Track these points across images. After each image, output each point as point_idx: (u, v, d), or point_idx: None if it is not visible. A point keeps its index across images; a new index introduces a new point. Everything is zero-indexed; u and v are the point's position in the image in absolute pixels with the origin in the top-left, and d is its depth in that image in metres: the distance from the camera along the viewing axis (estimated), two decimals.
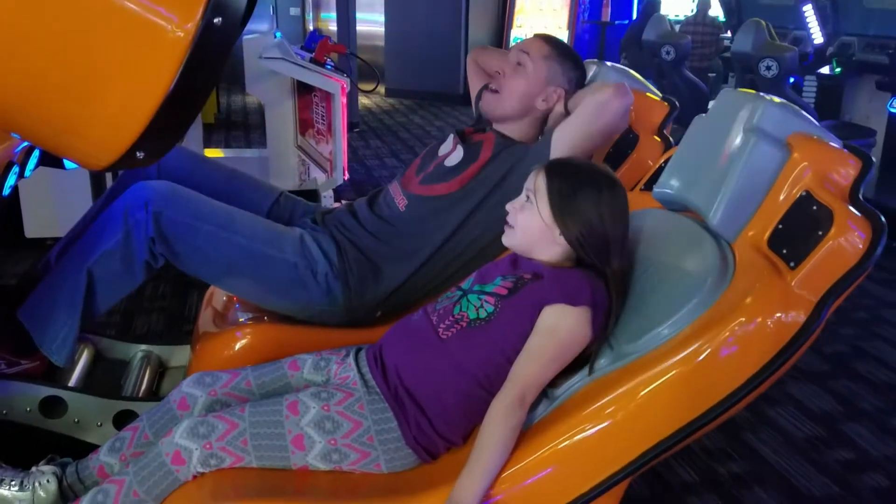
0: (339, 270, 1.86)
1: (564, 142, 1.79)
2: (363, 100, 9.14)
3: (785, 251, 1.30)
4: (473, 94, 2.27)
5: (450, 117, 8.38)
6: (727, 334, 1.28)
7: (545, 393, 1.40)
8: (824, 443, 2.44)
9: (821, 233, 1.25)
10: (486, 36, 9.66)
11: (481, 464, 1.28)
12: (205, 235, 1.76)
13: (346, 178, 4.81)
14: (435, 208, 1.90)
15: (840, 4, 5.70)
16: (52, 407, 1.86)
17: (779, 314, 1.27)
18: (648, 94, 2.06)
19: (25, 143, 1.83)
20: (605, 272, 1.40)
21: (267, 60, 4.51)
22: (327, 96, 4.70)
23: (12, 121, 1.11)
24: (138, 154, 1.04)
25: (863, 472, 2.29)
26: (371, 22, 9.65)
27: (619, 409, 1.32)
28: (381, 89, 9.53)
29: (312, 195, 4.85)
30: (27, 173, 1.91)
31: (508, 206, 1.48)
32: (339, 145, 4.76)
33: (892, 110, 4.59)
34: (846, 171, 1.34)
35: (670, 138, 1.97)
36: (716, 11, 7.60)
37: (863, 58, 5.34)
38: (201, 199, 1.81)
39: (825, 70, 5.82)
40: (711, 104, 1.54)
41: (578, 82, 1.99)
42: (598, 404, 1.33)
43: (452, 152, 1.97)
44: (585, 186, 1.41)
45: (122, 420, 1.88)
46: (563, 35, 9.59)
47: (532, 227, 1.43)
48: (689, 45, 6.20)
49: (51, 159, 2.05)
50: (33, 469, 1.47)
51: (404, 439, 1.38)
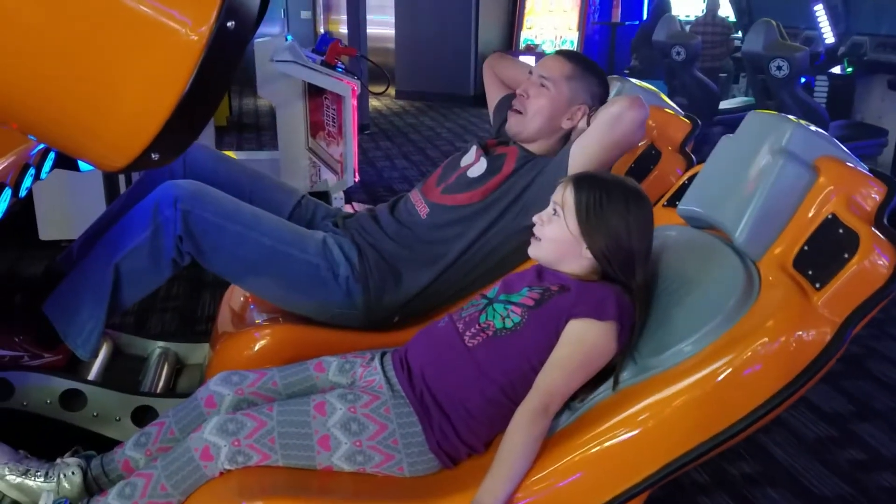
0: (359, 274, 1.88)
1: (581, 154, 1.81)
2: (373, 102, 9.16)
3: (810, 272, 1.32)
4: (491, 104, 2.29)
5: (460, 119, 8.40)
6: (750, 353, 1.30)
7: (568, 404, 1.42)
8: (836, 443, 2.45)
9: (846, 255, 1.27)
10: (496, 38, 9.69)
11: (504, 471, 1.30)
12: (231, 234, 1.78)
13: (356, 180, 4.83)
14: (456, 217, 1.93)
15: (851, 3, 5.72)
16: (72, 400, 1.88)
17: (802, 334, 1.29)
18: (670, 111, 2.08)
19: (42, 146, 1.85)
20: (630, 286, 1.42)
21: (278, 63, 4.54)
22: (338, 98, 4.72)
23: (29, 122, 1.12)
24: (153, 155, 1.06)
25: (874, 473, 2.30)
26: (381, 24, 9.68)
27: (642, 421, 1.34)
28: (392, 91, 9.56)
29: (323, 197, 4.86)
30: (43, 175, 1.94)
31: (535, 219, 1.50)
32: (349, 147, 4.78)
33: None
34: (872, 194, 1.36)
35: (692, 155, 1.99)
36: (725, 12, 7.63)
37: (874, 57, 5.34)
38: (228, 199, 1.83)
39: (836, 70, 5.82)
40: (722, 108, 1.56)
41: (602, 97, 2.01)
42: (621, 416, 1.35)
43: (475, 163, 2.00)
44: (613, 200, 1.43)
45: (141, 415, 1.90)
46: (572, 36, 9.65)
47: (559, 239, 1.45)
48: (700, 46, 6.21)
49: (66, 161, 2.08)
50: (58, 461, 1.49)
51: (428, 444, 1.40)
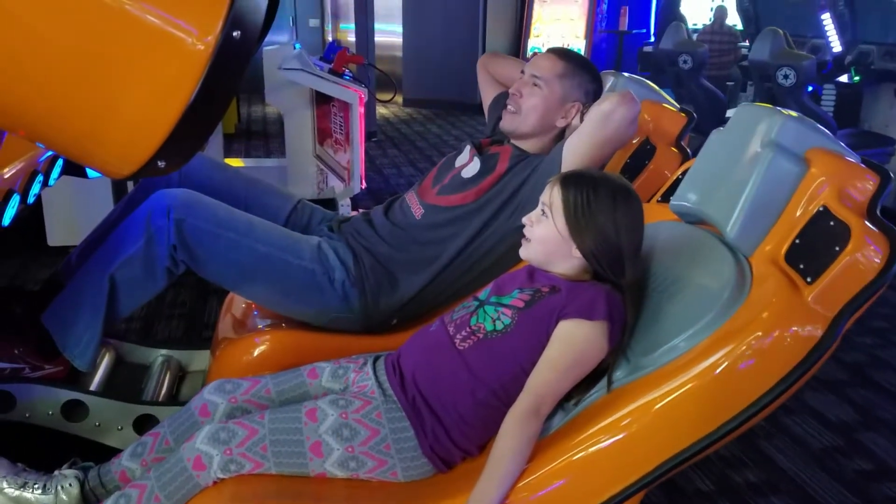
0: (355, 278, 1.88)
1: (573, 152, 1.80)
2: (381, 109, 9.18)
3: (802, 266, 1.31)
4: (486, 102, 2.29)
5: (467, 126, 8.41)
6: (744, 348, 1.29)
7: (561, 404, 1.41)
8: (841, 452, 2.43)
9: (838, 248, 1.25)
10: (504, 45, 9.69)
11: (496, 474, 1.29)
12: (225, 242, 1.79)
13: (363, 187, 4.84)
14: (451, 218, 1.92)
15: (859, 12, 5.68)
16: (74, 411, 1.89)
17: (795, 328, 1.28)
18: (666, 105, 2.07)
19: (50, 153, 1.87)
20: (620, 285, 1.41)
21: (286, 71, 4.56)
22: (345, 106, 4.74)
23: (36, 130, 1.13)
24: (159, 163, 1.06)
25: (879, 482, 2.28)
26: (389, 32, 9.70)
27: (636, 421, 1.33)
28: (399, 99, 9.58)
29: (330, 204, 4.89)
30: (51, 181, 1.95)
31: (525, 220, 1.49)
32: (356, 155, 4.79)
33: None
34: (864, 186, 1.34)
35: (688, 150, 1.98)
36: (733, 20, 7.59)
37: (882, 66, 5.31)
38: (222, 206, 1.83)
39: (844, 78, 5.79)
40: (729, 116, 1.54)
41: (596, 94, 2.01)
42: (615, 416, 1.34)
43: (469, 164, 1.99)
44: (600, 198, 1.42)
45: (143, 424, 1.91)
46: (580, 44, 9.63)
47: (548, 239, 1.44)
48: (707, 54, 6.19)
49: (74, 168, 2.10)
50: (56, 473, 1.50)
51: (421, 448, 1.39)
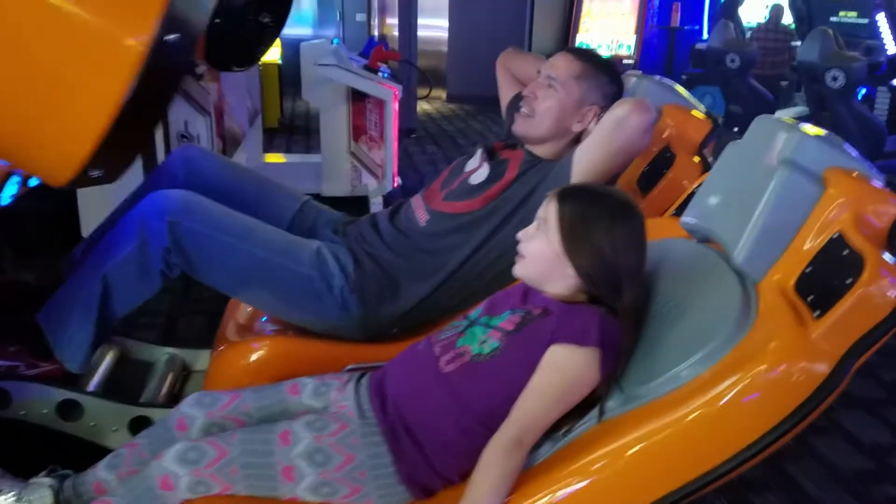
0: (355, 284, 1.82)
1: (584, 160, 1.71)
2: (424, 105, 9.13)
3: (811, 298, 1.20)
4: (503, 102, 2.22)
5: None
6: (746, 382, 1.19)
7: (549, 433, 1.33)
8: (872, 477, 2.29)
9: (850, 280, 1.15)
10: (551, 41, 9.57)
11: None
12: (221, 246, 1.74)
13: (396, 186, 4.80)
14: (456, 225, 1.85)
15: None
16: (69, 410, 1.86)
17: (800, 365, 1.18)
18: (692, 110, 1.97)
19: None
20: (616, 309, 1.32)
21: (322, 67, 4.54)
22: (380, 103, 4.71)
23: None
24: (95, 172, 1.02)
25: None
26: (435, 27, 9.64)
27: (628, 454, 1.24)
28: (443, 94, 9.52)
29: (363, 201, 4.86)
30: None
31: (520, 234, 1.41)
32: (389, 152, 4.75)
33: None
34: (886, 211, 1.24)
35: (709, 159, 1.88)
36: (789, 19, 7.37)
37: None
38: (219, 209, 1.79)
39: None
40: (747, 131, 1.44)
41: (615, 97, 1.91)
42: (606, 449, 1.26)
43: (478, 169, 1.92)
44: (597, 214, 1.33)
45: (138, 426, 1.87)
46: (630, 41, 9.46)
47: (542, 257, 1.36)
48: (756, 54, 6.00)
49: None
50: (32, 481, 1.47)
51: (399, 475, 1.33)
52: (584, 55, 1.93)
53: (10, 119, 1.02)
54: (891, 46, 5.45)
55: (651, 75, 2.06)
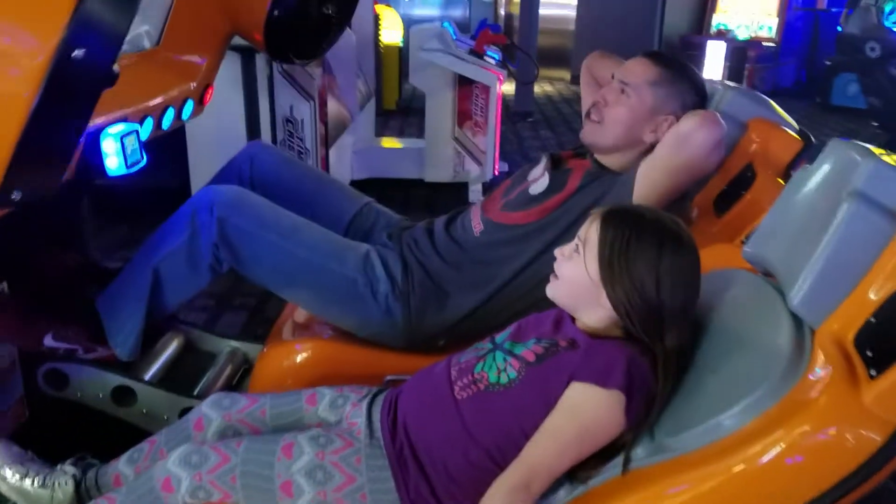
0: (401, 291, 1.76)
1: (646, 177, 1.58)
2: (546, 87, 8.95)
3: (870, 353, 1.04)
4: (584, 109, 2.07)
5: None
6: (791, 440, 1.06)
7: (569, 476, 1.23)
8: None
9: None
10: (685, 21, 9.14)
11: None
12: (266, 244, 1.72)
13: (496, 174, 4.70)
14: (509, 237, 1.75)
15: None
16: (123, 396, 1.90)
17: (852, 430, 1.03)
18: (781, 126, 1.78)
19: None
20: (654, 350, 1.19)
21: (426, 52, 4.48)
22: (487, 88, 4.62)
23: None
24: (13, 195, 0.98)
25: None
26: (563, 4, 9.40)
27: None
28: (567, 75, 9.28)
29: (464, 188, 4.80)
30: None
31: (557, 252, 1.31)
32: (492, 139, 4.66)
33: None
34: None
35: None
36: None
37: None
38: (268, 207, 1.77)
39: None
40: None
41: (695, 107, 1.75)
42: (627, 502, 1.15)
43: (539, 178, 1.80)
44: (643, 243, 1.21)
45: None
46: (771, 22, 8.90)
47: (576, 282, 1.25)
48: None
49: None
50: (58, 467, 1.49)
51: (400, 502, 1.26)
52: (662, 60, 1.78)
53: None
54: None
55: (738, 85, 1.87)
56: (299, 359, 1.82)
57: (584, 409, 1.17)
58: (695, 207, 1.78)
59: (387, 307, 1.76)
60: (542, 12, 7.45)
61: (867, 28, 5.47)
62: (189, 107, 2.02)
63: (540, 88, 8.76)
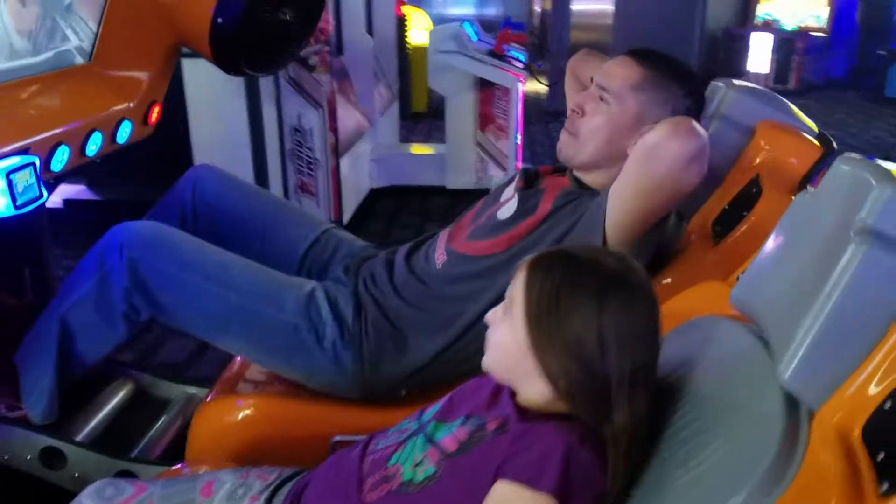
0: (351, 336, 1.51)
1: (615, 199, 1.31)
2: None
3: (882, 457, 0.75)
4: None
5: None
6: None
7: None
8: None
9: None
10: (728, 12, 8.73)
11: None
12: (190, 288, 1.49)
13: None
14: (475, 271, 1.49)
15: None
16: (53, 458, 1.70)
17: None
18: (798, 132, 1.48)
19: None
20: (603, 432, 0.92)
21: (441, 54, 4.26)
22: (508, 90, 4.37)
23: None
24: None
25: None
26: None
27: None
28: None
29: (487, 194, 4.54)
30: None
31: (489, 315, 1.04)
32: (513, 143, 4.41)
33: None
34: None
35: None
36: None
37: None
38: (191, 243, 1.54)
39: None
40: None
41: (690, 113, 1.46)
42: None
43: (509, 201, 1.54)
44: (578, 294, 0.94)
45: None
46: (820, 11, 8.43)
47: (505, 350, 0.99)
48: None
49: None
50: None
51: None
52: (647, 59, 1.50)
53: None
54: None
55: (743, 83, 1.58)
56: (241, 416, 1.59)
57: None
58: (692, 234, 1.49)
59: (335, 355, 1.52)
60: (578, 7, 7.18)
61: None
62: (125, 128, 1.81)
63: None
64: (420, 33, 6.75)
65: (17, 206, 1.36)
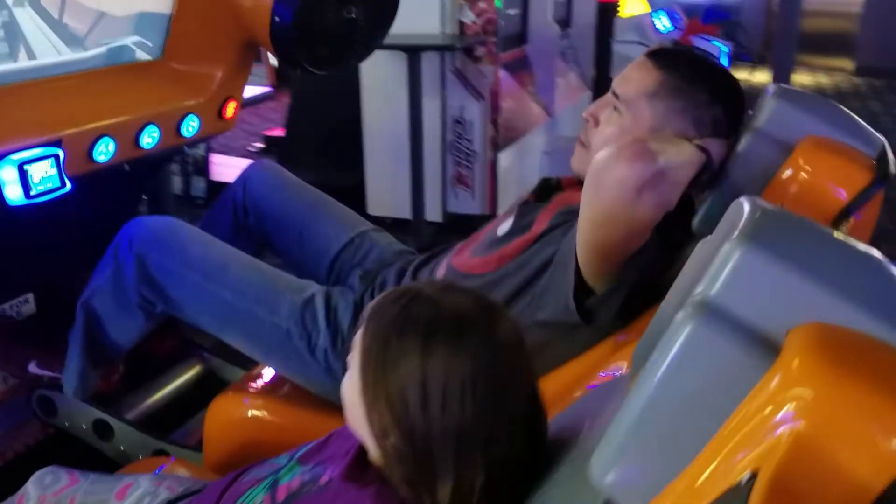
0: (343, 346, 1.47)
1: (578, 228, 1.13)
2: (822, 79, 7.78)
3: None
4: None
5: None
6: None
7: None
8: None
9: None
10: None
11: None
12: (190, 285, 1.53)
13: None
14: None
15: None
16: (104, 430, 1.83)
17: None
18: (848, 150, 1.20)
19: None
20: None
21: (619, 44, 4.05)
22: None
23: None
24: None
25: None
26: None
27: None
28: (849, 65, 8.00)
29: None
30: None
31: (349, 359, 0.94)
32: None
33: None
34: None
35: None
36: None
37: None
38: (198, 241, 1.57)
39: None
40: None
41: (717, 123, 1.25)
42: None
43: (511, 214, 1.40)
44: (405, 339, 0.81)
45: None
46: None
47: (349, 401, 0.88)
48: None
49: None
50: None
51: None
52: (668, 60, 1.29)
53: None
54: None
55: (790, 87, 1.30)
56: (245, 415, 1.62)
57: None
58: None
59: (326, 365, 1.48)
60: None
61: None
62: (191, 122, 1.88)
63: (813, 80, 7.65)
64: None
65: (30, 196, 1.46)
